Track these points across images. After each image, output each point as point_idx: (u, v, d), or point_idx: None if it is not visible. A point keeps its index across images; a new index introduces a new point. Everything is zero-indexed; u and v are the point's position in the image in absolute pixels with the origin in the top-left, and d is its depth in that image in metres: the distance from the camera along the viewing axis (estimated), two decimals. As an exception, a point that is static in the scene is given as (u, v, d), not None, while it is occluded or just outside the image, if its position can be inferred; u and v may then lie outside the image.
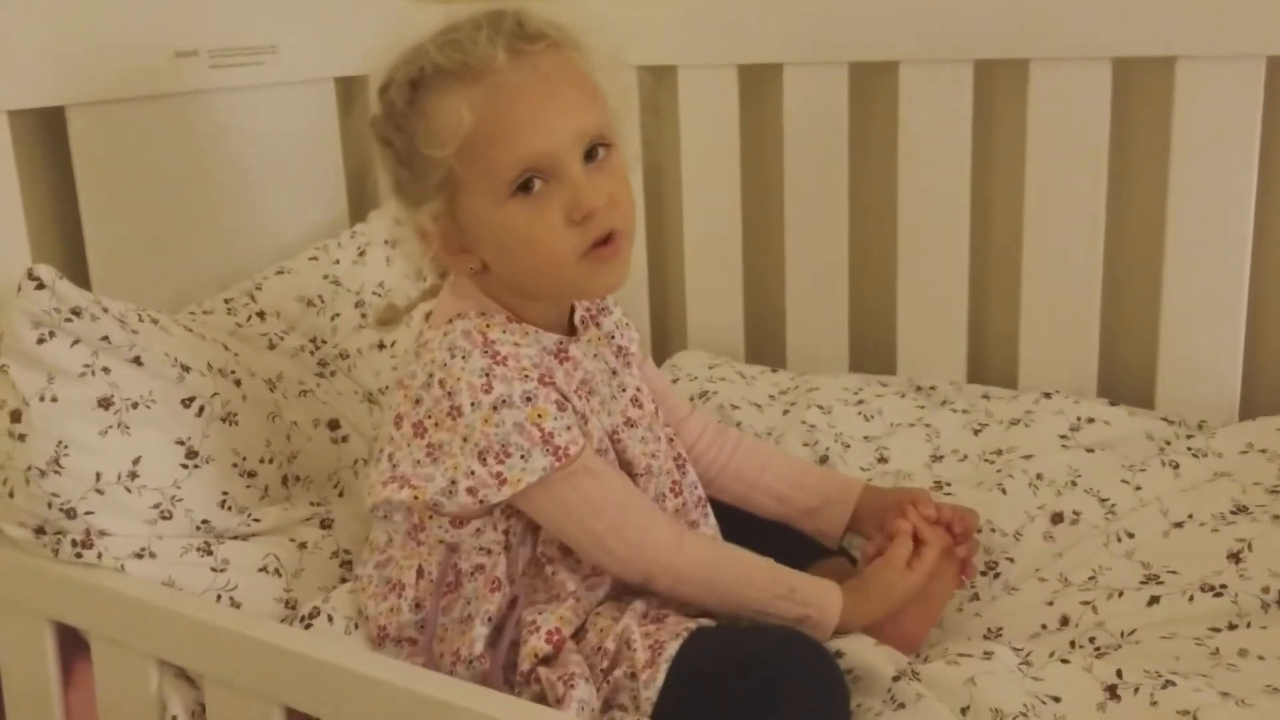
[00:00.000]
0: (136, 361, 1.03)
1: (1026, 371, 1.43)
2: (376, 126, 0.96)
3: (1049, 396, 1.35)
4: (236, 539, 1.06)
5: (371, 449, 1.21)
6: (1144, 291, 1.39)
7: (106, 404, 1.00)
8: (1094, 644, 0.99)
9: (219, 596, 1.00)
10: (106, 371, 1.01)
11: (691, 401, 1.39)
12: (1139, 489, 1.17)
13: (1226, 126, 1.27)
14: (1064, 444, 1.27)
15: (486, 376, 0.91)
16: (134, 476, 1.00)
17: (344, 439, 1.22)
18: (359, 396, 1.30)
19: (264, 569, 1.04)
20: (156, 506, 1.01)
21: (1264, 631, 0.96)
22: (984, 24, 1.36)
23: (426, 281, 1.08)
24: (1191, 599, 1.01)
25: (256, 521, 1.07)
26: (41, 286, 0.98)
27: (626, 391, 1.03)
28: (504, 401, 0.90)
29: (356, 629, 0.99)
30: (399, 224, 1.00)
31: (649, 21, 1.52)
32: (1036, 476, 1.21)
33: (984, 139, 1.44)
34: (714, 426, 1.15)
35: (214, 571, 1.01)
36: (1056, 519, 1.15)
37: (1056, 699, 0.87)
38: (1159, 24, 1.28)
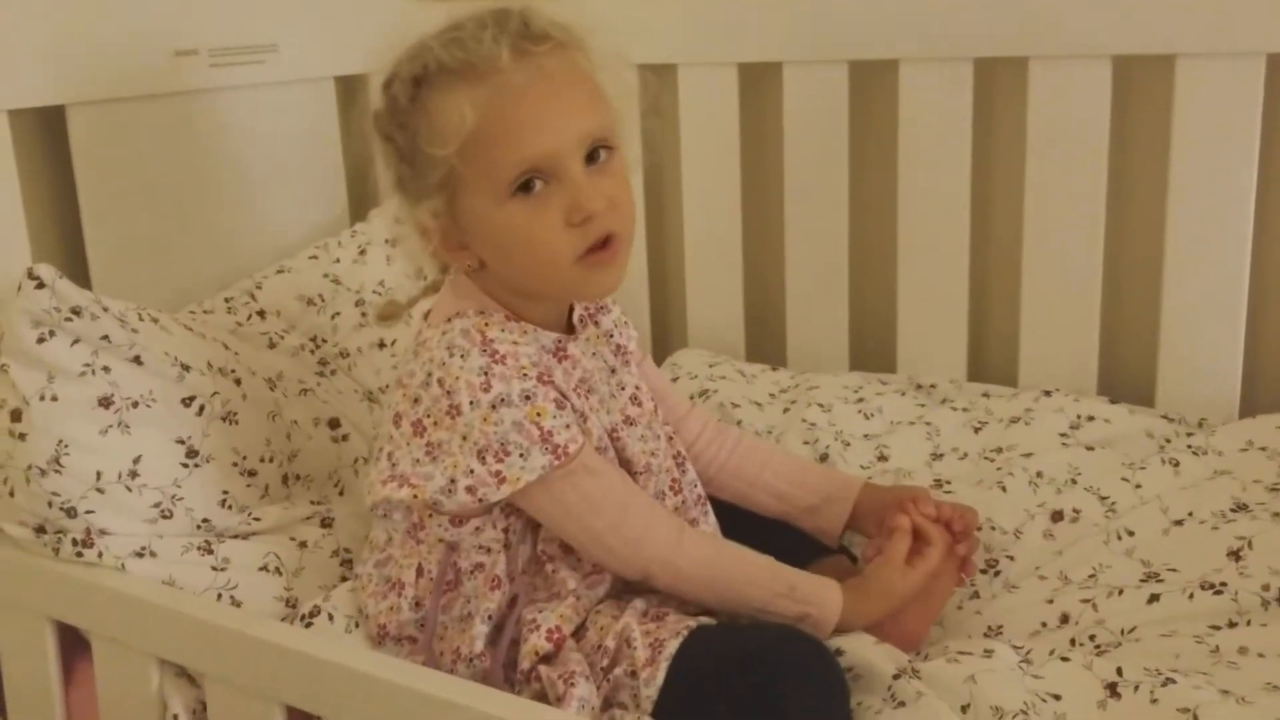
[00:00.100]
0: (137, 361, 1.03)
1: (1026, 369, 1.43)
2: (379, 122, 0.95)
3: (1049, 394, 1.35)
4: (237, 538, 1.06)
5: (371, 448, 1.21)
6: (1144, 289, 1.39)
7: (107, 403, 1.00)
8: (1094, 642, 0.99)
9: (219, 595, 1.00)
10: (107, 371, 1.01)
11: (691, 400, 1.39)
12: (1139, 487, 1.17)
13: (1227, 124, 1.27)
14: (1064, 442, 1.27)
15: (485, 375, 0.91)
16: (134, 475, 1.00)
17: (344, 438, 1.22)
18: (359, 395, 1.30)
19: (264, 568, 1.04)
20: (157, 505, 1.01)
21: (1264, 629, 0.96)
22: (984, 22, 1.36)
23: (426, 280, 1.08)
24: (1191, 597, 1.01)
25: (257, 520, 1.07)
26: (41, 286, 0.98)
27: (625, 390, 1.03)
28: (503, 400, 0.90)
29: (357, 628, 0.99)
30: (399, 220, 1.00)
31: (649, 20, 1.52)
32: (1036, 474, 1.21)
33: (984, 137, 1.44)
34: (713, 425, 1.15)
35: (214, 570, 1.01)
36: (1056, 517, 1.15)
37: (1057, 697, 0.87)
38: (1159, 22, 1.28)
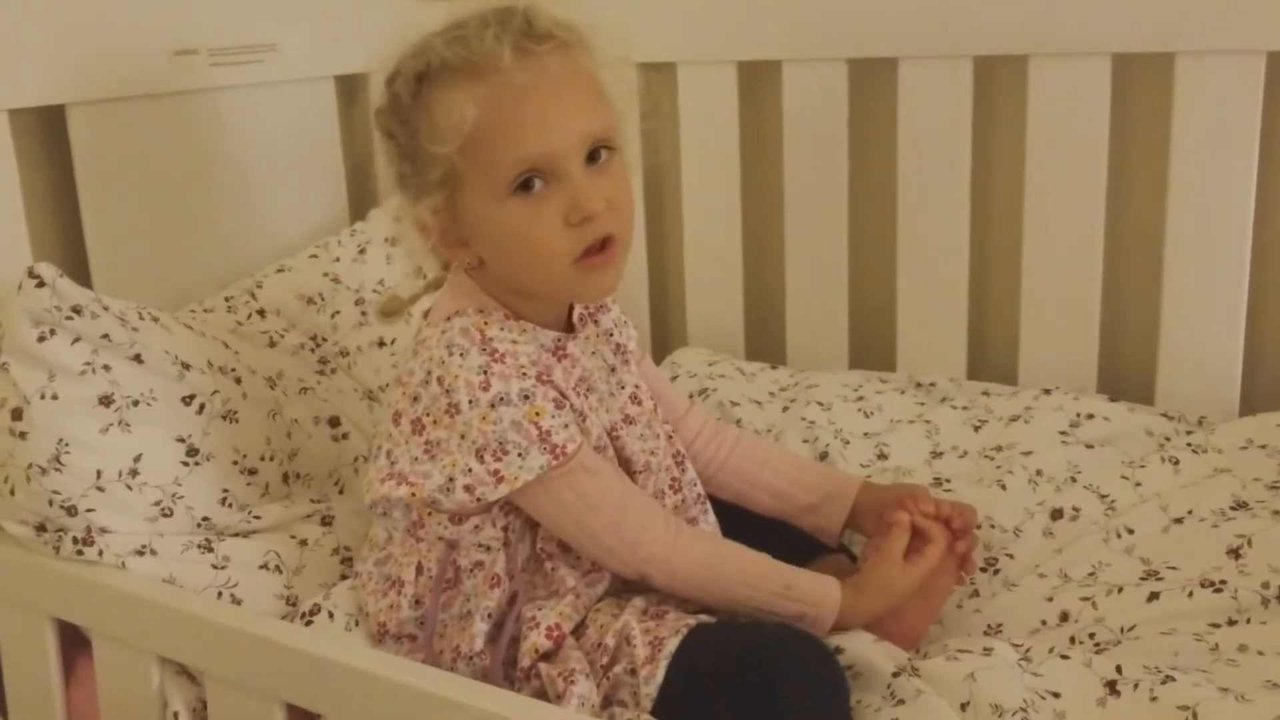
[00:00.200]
0: (137, 359, 1.03)
1: (1026, 368, 1.43)
2: (381, 118, 0.95)
3: (1049, 393, 1.35)
4: (237, 536, 1.06)
5: (371, 446, 1.21)
6: (1144, 287, 1.39)
7: (107, 402, 1.00)
8: (1094, 640, 0.99)
9: (220, 593, 1.00)
10: (107, 369, 1.01)
11: (690, 399, 1.39)
12: (1139, 485, 1.17)
13: (1226, 122, 1.27)
14: (1064, 440, 1.27)
15: (484, 374, 0.91)
16: (135, 474, 1.00)
17: (344, 436, 1.22)
18: (359, 394, 1.30)
19: (265, 566, 1.04)
20: (157, 504, 1.02)
21: (1264, 627, 0.96)
22: (983, 20, 1.36)
23: (426, 278, 1.08)
24: (1191, 595, 1.01)
25: (257, 519, 1.07)
26: (42, 285, 0.98)
27: (625, 389, 1.03)
28: (502, 399, 0.90)
29: (357, 626, 0.99)
30: (399, 217, 1.00)
31: (648, 19, 1.51)
32: (1036, 473, 1.21)
33: (983, 135, 1.44)
34: (712, 424, 1.15)
35: (215, 569, 1.01)
36: (1056, 515, 1.15)
37: (1056, 695, 0.87)
38: (1158, 19, 1.28)
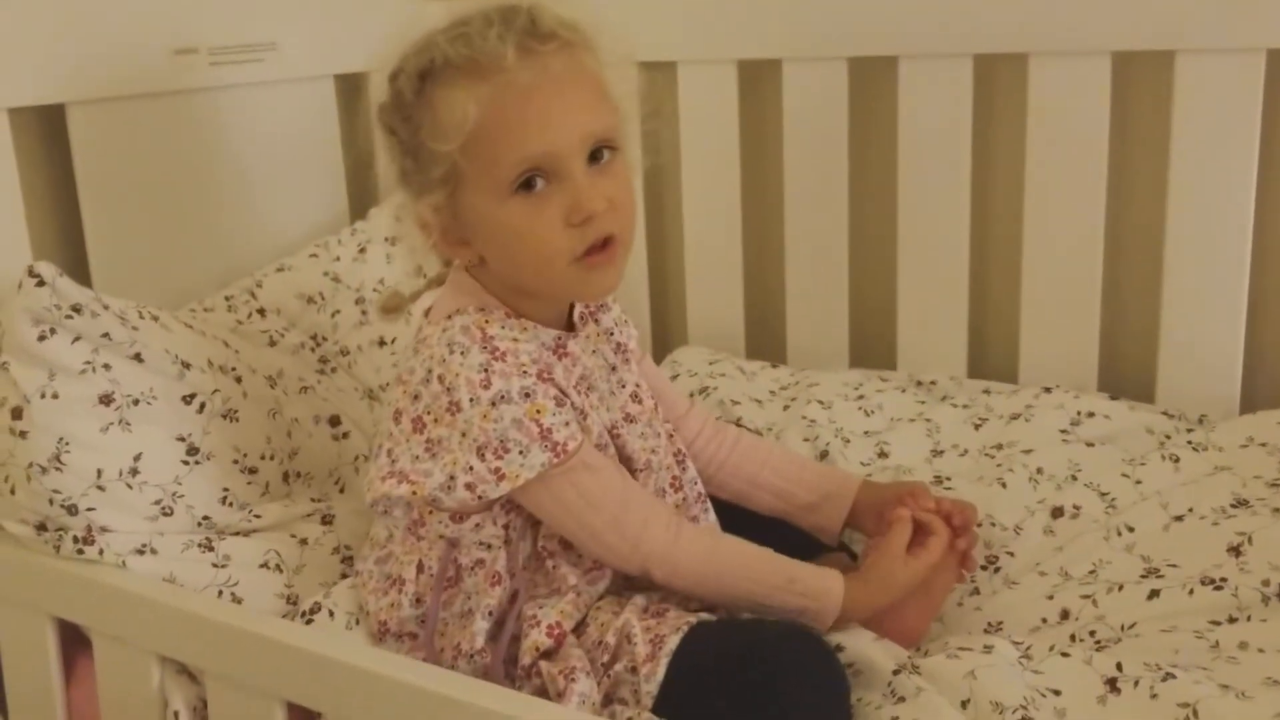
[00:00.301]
0: (137, 358, 1.03)
1: (1027, 366, 1.43)
2: (383, 114, 0.95)
3: (1049, 391, 1.35)
4: (238, 535, 1.06)
5: (371, 445, 1.21)
6: (1144, 285, 1.39)
7: (107, 401, 1.00)
8: (1094, 637, 0.99)
9: (220, 592, 1.00)
10: (107, 368, 1.01)
11: (691, 398, 1.39)
12: (1139, 483, 1.17)
13: (1227, 120, 1.27)
14: (1064, 438, 1.27)
15: (485, 372, 0.91)
16: (135, 473, 1.00)
17: (344, 435, 1.22)
18: (359, 393, 1.31)
19: (265, 565, 1.04)
20: (158, 503, 1.02)
21: (1264, 624, 0.96)
22: (983, 18, 1.36)
23: (427, 277, 1.08)
24: (1191, 592, 1.00)
25: (257, 518, 1.08)
26: (42, 284, 0.98)
27: (625, 387, 1.03)
28: (502, 397, 0.90)
29: (357, 624, 0.99)
30: (399, 215, 1.00)
31: (648, 18, 1.51)
32: (1037, 471, 1.21)
33: (984, 133, 1.44)
34: (712, 423, 1.15)
35: (215, 567, 1.01)
36: (1057, 513, 1.15)
37: (1056, 692, 0.87)
38: (1158, 17, 1.28)
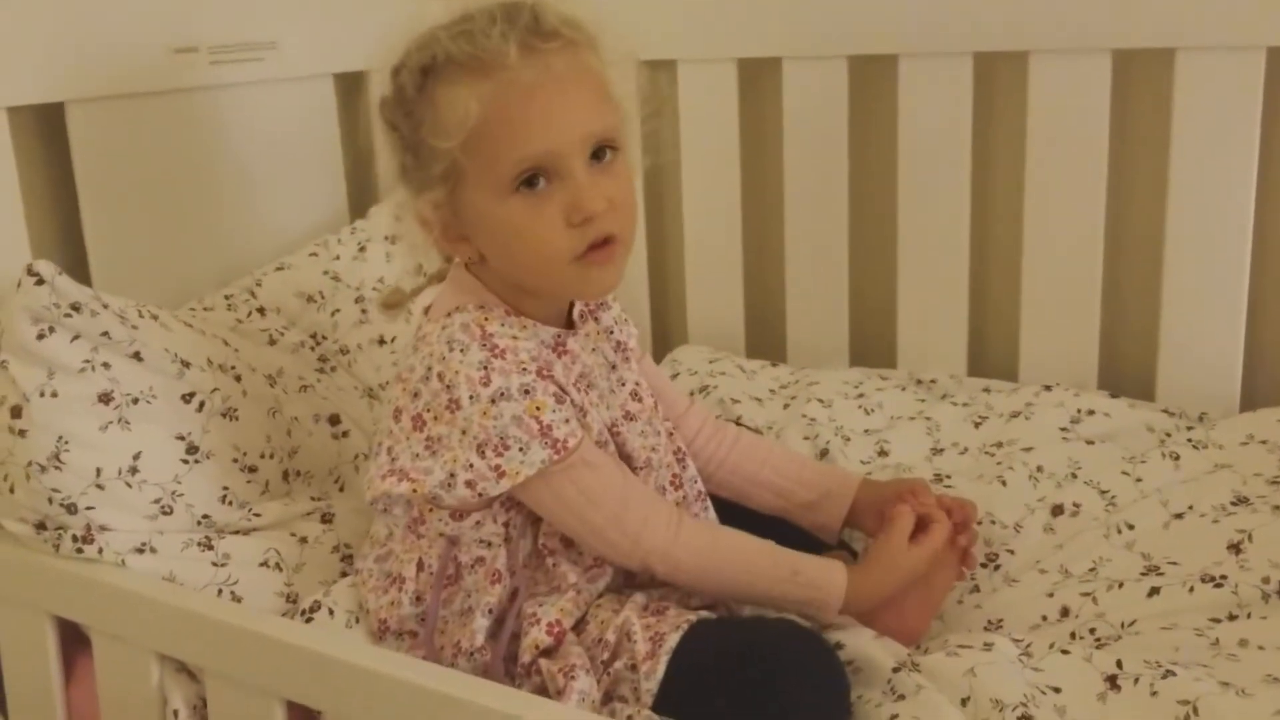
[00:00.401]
0: (136, 357, 1.03)
1: (1027, 364, 1.43)
2: (385, 109, 0.95)
3: (1049, 389, 1.35)
4: (237, 534, 1.06)
5: (371, 443, 1.21)
6: (1144, 283, 1.39)
7: (107, 399, 1.00)
8: (1094, 635, 0.99)
9: (220, 591, 1.00)
10: (107, 367, 1.01)
11: (691, 396, 1.39)
12: (1139, 481, 1.17)
13: (1227, 118, 1.27)
14: (1064, 436, 1.27)
15: (485, 369, 0.91)
16: (134, 472, 1.00)
17: (344, 434, 1.22)
18: (359, 392, 1.30)
19: (265, 564, 1.04)
20: (157, 501, 1.02)
21: (1264, 622, 0.96)
22: (983, 16, 1.36)
23: (425, 276, 1.08)
24: (1192, 590, 1.00)
25: (257, 516, 1.07)
26: (41, 282, 0.98)
27: (625, 386, 1.03)
28: (502, 394, 0.90)
29: (357, 622, 0.99)
30: (399, 213, 1.00)
31: (648, 16, 1.51)
32: (1037, 469, 1.21)
33: (984, 132, 1.44)
34: (712, 421, 1.15)
35: (215, 566, 1.01)
36: (1057, 511, 1.15)
37: (1057, 690, 0.87)
38: (1159, 15, 1.28)
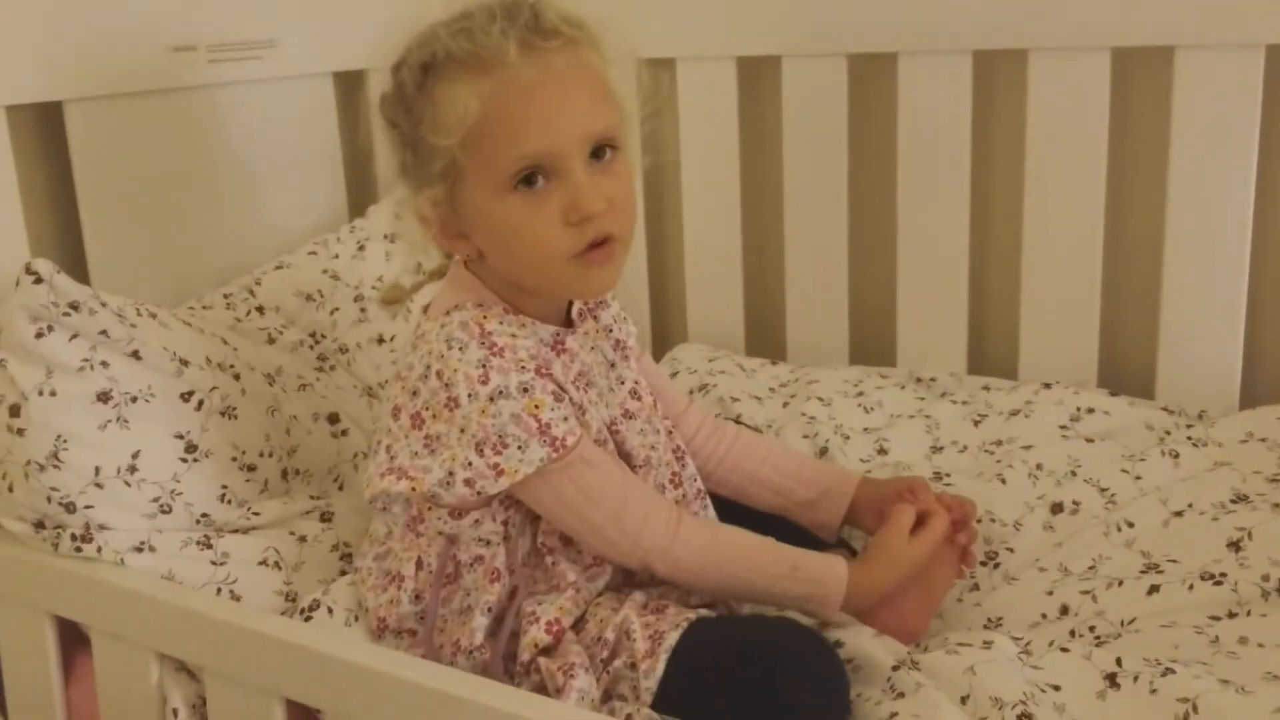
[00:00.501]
0: (135, 356, 1.03)
1: (1026, 362, 1.43)
2: (385, 106, 0.95)
3: (1049, 387, 1.35)
4: (236, 532, 1.06)
5: (370, 442, 1.21)
6: (1144, 281, 1.39)
7: (105, 398, 1.00)
8: (1094, 633, 0.99)
9: (219, 590, 1.00)
10: (105, 366, 1.01)
11: (690, 395, 1.39)
12: (1139, 479, 1.17)
13: (1226, 116, 1.27)
14: (1064, 434, 1.27)
15: (483, 368, 0.91)
16: (133, 470, 1.00)
17: (343, 433, 1.22)
18: (358, 391, 1.30)
19: (264, 562, 1.04)
20: (156, 500, 1.01)
21: (1264, 619, 0.96)
22: (983, 14, 1.36)
23: (424, 274, 1.07)
24: (1191, 588, 1.00)
25: (256, 515, 1.07)
26: (39, 281, 0.98)
27: (625, 384, 1.03)
28: (501, 392, 0.90)
29: (356, 621, 0.99)
30: (398, 214, 1.00)
31: (647, 14, 1.51)
32: (1036, 467, 1.21)
33: (983, 129, 1.44)
34: (711, 420, 1.15)
35: (214, 565, 1.01)
36: (1056, 509, 1.15)
37: (1056, 687, 0.87)
38: (1158, 13, 1.28)
